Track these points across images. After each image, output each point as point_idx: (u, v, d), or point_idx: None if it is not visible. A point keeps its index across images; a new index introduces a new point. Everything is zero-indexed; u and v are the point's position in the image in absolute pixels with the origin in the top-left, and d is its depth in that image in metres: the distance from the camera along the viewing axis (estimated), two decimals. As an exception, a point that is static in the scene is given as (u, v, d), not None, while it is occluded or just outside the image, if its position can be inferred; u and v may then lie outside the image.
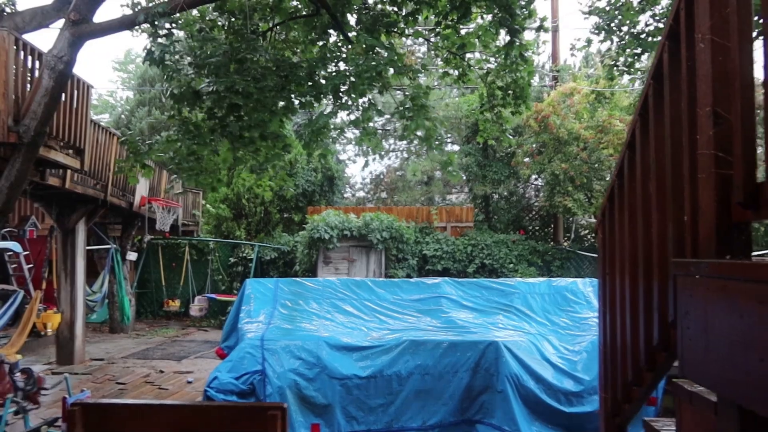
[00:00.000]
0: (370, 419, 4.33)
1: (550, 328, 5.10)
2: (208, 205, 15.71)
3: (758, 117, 1.80)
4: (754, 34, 1.54)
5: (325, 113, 6.48)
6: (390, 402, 4.36)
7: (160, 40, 5.67)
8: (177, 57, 6.07)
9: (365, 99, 6.59)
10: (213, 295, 13.35)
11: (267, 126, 5.70)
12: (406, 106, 5.67)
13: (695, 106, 1.77)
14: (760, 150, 1.63)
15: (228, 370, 4.48)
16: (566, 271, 12.99)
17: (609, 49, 8.67)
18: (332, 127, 6.86)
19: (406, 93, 6.51)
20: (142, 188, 11.61)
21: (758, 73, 1.65)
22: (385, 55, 5.86)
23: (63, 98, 6.36)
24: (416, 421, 4.36)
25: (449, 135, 18.42)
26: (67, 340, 8.76)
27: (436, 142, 5.86)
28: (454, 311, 5.38)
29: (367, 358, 4.42)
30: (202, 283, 14.09)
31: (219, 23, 6.77)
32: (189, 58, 6.10)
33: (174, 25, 5.83)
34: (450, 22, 6.68)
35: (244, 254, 14.27)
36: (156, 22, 5.45)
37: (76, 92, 7.10)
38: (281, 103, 6.07)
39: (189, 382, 7.48)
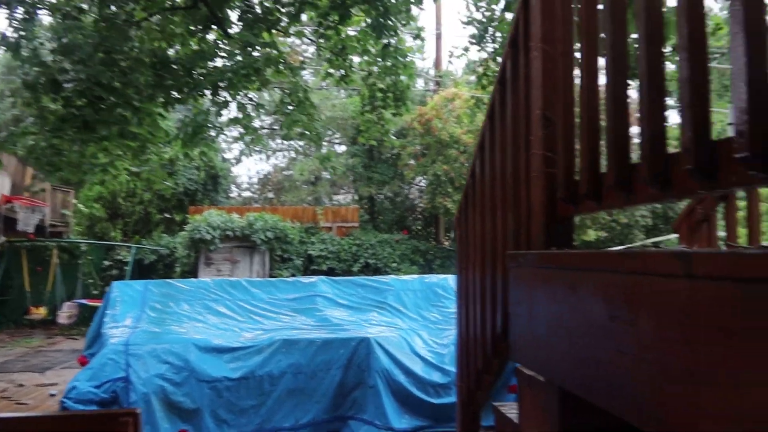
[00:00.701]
0: (241, 421, 4.23)
1: (422, 323, 5.27)
2: (80, 205, 14.57)
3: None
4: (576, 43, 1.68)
5: (204, 110, 6.26)
6: (262, 403, 4.28)
7: (16, 23, 5.21)
8: (37, 43, 5.59)
9: (246, 96, 6.45)
10: (84, 301, 12.37)
11: (128, 123, 5.38)
12: (285, 101, 5.62)
13: (530, 109, 1.91)
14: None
15: (88, 379, 4.18)
16: (447, 269, 13.50)
17: (485, 59, 9.13)
18: (214, 125, 6.64)
19: (286, 90, 6.46)
20: (3, 186, 10.54)
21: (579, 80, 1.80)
22: (264, 52, 5.78)
23: None
24: (289, 420, 4.32)
25: (336, 135, 18.49)
26: None
27: (316, 137, 5.84)
28: (329, 309, 5.40)
29: (238, 360, 4.31)
30: (72, 288, 13.01)
31: (87, 8, 6.32)
32: (52, 45, 5.63)
33: (37, 7, 5.37)
34: (331, 23, 6.71)
35: (120, 257, 13.40)
36: (11, 3, 4.99)
37: None
38: (160, 99, 5.78)
39: (52, 395, 6.88)
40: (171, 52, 6.25)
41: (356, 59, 7.31)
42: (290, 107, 5.68)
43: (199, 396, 4.15)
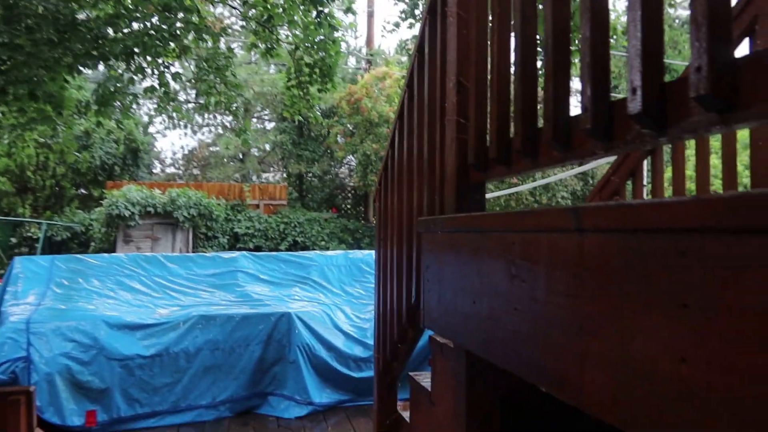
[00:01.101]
0: (154, 400, 4.07)
1: (345, 298, 5.26)
2: (-18, 178, 13.54)
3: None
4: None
5: (116, 75, 5.91)
6: (177, 380, 4.14)
7: None
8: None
9: (164, 64, 6.14)
10: (-14, 280, 11.57)
11: (41, 84, 5.00)
12: (202, 66, 5.38)
13: (446, 76, 1.89)
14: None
15: (-16, 360, 3.90)
16: (375, 248, 13.56)
17: (415, 36, 9.13)
18: (128, 92, 6.28)
19: (206, 57, 6.19)
20: None
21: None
22: (182, 16, 5.50)
23: None
24: (206, 398, 4.21)
25: (265, 112, 18.06)
26: None
27: (234, 107, 5.64)
28: (250, 285, 5.28)
29: (152, 336, 4.14)
30: (-28, 267, 12.13)
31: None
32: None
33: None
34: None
35: (30, 233, 12.58)
36: None
37: None
38: (66, 62, 5.38)
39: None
40: (82, 16, 5.84)
41: (284, 33, 7.12)
42: (205, 75, 5.44)
43: (109, 375, 3.96)
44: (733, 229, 0.64)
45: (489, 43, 1.63)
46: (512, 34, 1.46)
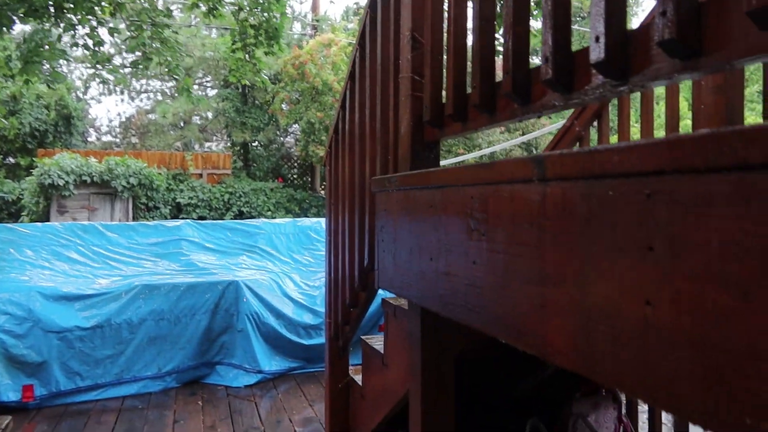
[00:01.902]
0: (96, 372, 3.93)
1: (293, 266, 5.20)
2: None
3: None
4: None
5: (42, 29, 5.54)
6: (120, 352, 4.00)
7: None
8: None
9: (97, 19, 5.79)
10: None
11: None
12: (134, 20, 5.10)
13: (400, 32, 1.84)
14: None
15: None
16: (322, 217, 13.48)
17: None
18: (56, 49, 5.90)
19: (139, 13, 5.88)
20: None
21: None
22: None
23: None
24: (151, 369, 4.10)
25: (207, 78, 17.45)
26: None
27: (175, 66, 5.40)
28: (196, 254, 5.14)
29: (92, 307, 3.97)
30: None
31: None
32: None
33: None
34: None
35: (-47, 204, 11.85)
36: None
37: None
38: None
39: None
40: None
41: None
42: (144, 32, 5.16)
43: (46, 348, 3.78)
44: (701, 168, 0.64)
45: (445, -4, 1.59)
46: (469, -15, 1.42)
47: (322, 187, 15.06)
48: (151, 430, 3.52)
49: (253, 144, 15.67)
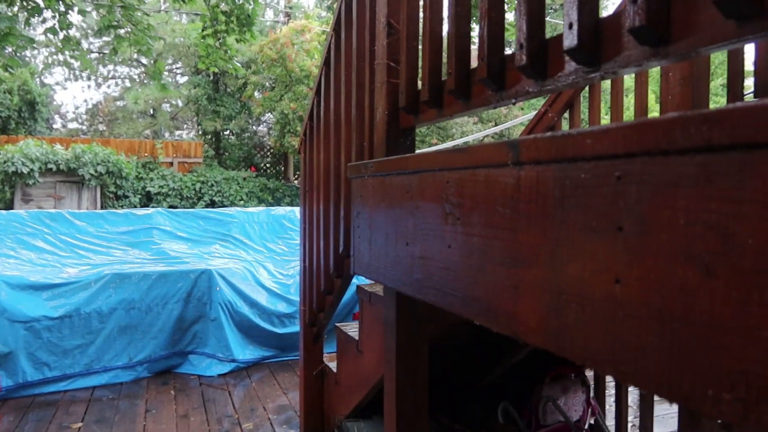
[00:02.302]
0: (65, 363, 3.87)
1: (267, 254, 5.17)
2: None
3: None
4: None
5: (7, 15, 5.37)
6: (90, 342, 3.94)
7: None
8: None
9: (64, 2, 5.64)
10: None
11: None
12: (101, 2, 4.98)
13: (375, 18, 1.84)
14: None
15: None
16: (296, 207, 13.41)
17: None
18: (20, 34, 5.73)
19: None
20: None
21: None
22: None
23: None
24: (122, 359, 4.05)
25: (177, 65, 17.14)
26: None
27: (145, 48, 5.30)
28: (167, 242, 5.07)
29: (60, 297, 3.89)
30: None
31: None
32: None
33: None
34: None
35: None
36: None
37: None
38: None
39: None
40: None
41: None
42: (108, 11, 5.04)
43: (12, 338, 3.70)
44: (669, 150, 0.66)
45: (421, -18, 1.59)
46: (445, -28, 1.43)
47: (296, 176, 14.97)
48: (123, 420, 3.48)
49: (225, 133, 15.48)
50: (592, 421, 2.47)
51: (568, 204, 0.82)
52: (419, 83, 1.58)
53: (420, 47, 1.57)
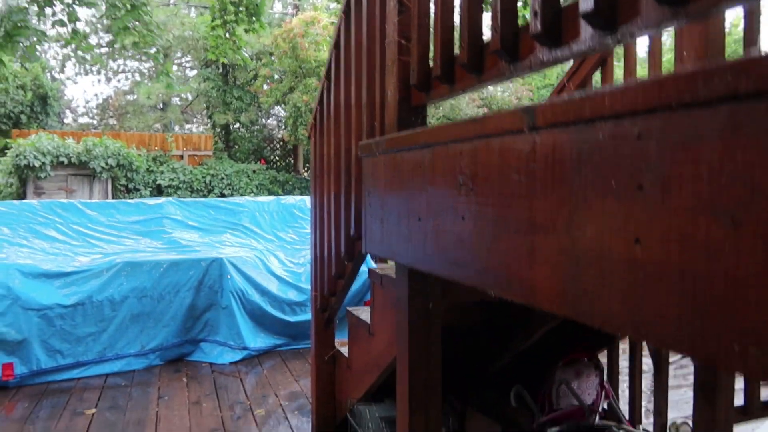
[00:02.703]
0: (78, 350, 3.90)
1: (278, 243, 5.18)
2: None
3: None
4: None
5: (20, 7, 5.39)
6: (102, 330, 3.97)
7: None
8: None
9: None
10: None
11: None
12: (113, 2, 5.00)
13: (386, -2, 1.82)
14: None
15: None
16: (306, 197, 13.40)
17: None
18: (31, 27, 5.75)
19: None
20: None
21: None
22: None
23: None
24: (134, 346, 4.07)
25: (187, 59, 17.18)
26: None
27: (153, 50, 5.31)
28: (178, 231, 5.10)
29: (72, 285, 3.91)
30: None
31: None
32: None
33: None
34: None
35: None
36: None
37: None
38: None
39: None
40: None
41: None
42: (118, 12, 5.05)
43: (26, 326, 3.73)
44: (691, 102, 0.64)
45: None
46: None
47: (306, 168, 14.98)
48: (135, 407, 3.51)
49: (235, 125, 15.51)
50: (605, 405, 2.46)
51: (585, 167, 0.81)
52: (430, 61, 1.56)
53: (431, 23, 1.55)
